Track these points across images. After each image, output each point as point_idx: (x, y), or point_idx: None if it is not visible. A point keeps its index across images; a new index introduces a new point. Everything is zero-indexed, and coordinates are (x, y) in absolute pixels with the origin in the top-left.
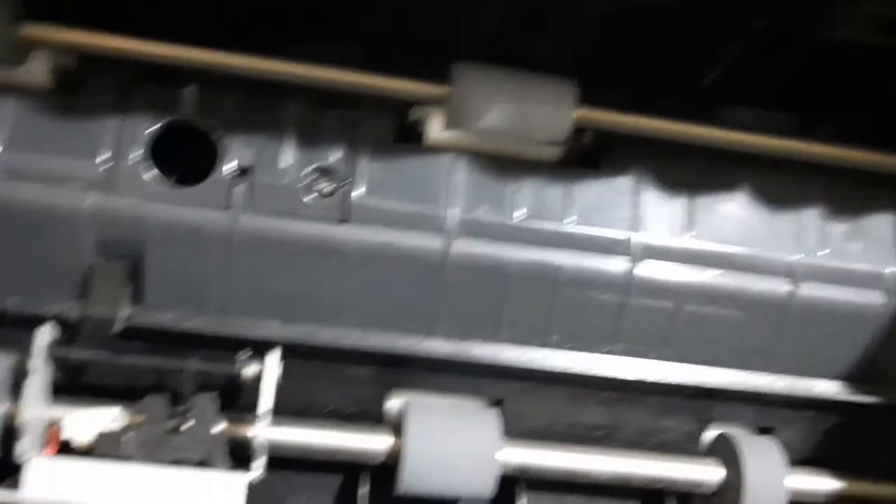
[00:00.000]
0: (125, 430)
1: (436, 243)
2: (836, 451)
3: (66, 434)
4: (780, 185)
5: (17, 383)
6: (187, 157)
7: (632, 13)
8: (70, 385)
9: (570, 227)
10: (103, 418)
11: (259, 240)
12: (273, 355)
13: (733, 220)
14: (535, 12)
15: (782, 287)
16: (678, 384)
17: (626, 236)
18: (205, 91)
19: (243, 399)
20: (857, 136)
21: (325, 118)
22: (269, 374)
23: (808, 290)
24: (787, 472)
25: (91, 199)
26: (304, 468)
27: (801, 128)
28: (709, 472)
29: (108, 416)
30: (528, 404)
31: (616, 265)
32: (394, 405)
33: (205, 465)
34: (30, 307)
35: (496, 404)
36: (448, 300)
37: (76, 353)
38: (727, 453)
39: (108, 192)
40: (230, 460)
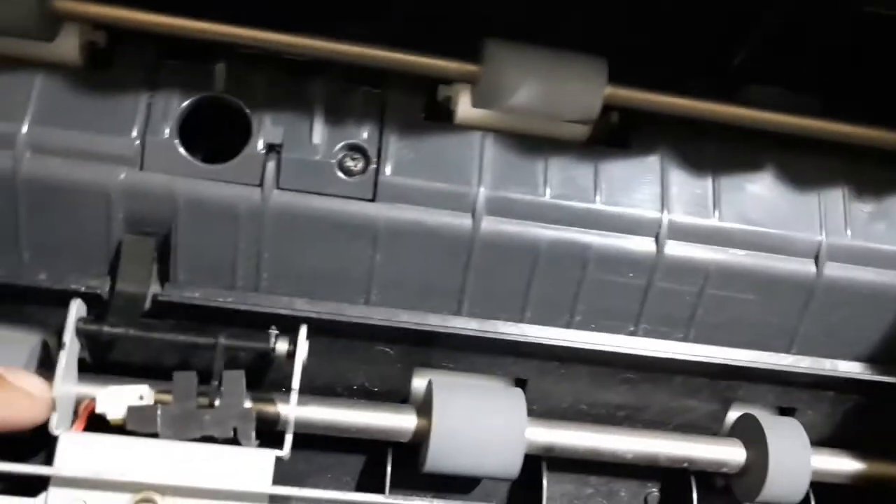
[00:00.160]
0: (154, 406)
1: (464, 221)
2: (858, 433)
3: (100, 409)
4: (805, 165)
5: (46, 360)
6: (213, 135)
7: None
8: (96, 362)
9: (598, 206)
10: (134, 395)
11: (289, 217)
12: (303, 332)
13: (758, 200)
14: None
15: (806, 267)
16: (701, 364)
17: (652, 216)
18: (235, 67)
19: (269, 376)
20: (884, 115)
21: (355, 95)
22: (300, 351)
23: (833, 270)
24: (811, 452)
25: (121, 175)
26: (327, 448)
27: (827, 108)
28: (732, 453)
29: (138, 393)
30: (551, 384)
31: (642, 245)
32: (420, 384)
33: (233, 442)
34: (58, 283)
35: (520, 384)
36: (475, 279)
37: (107, 329)
38: (751, 434)
39: (139, 168)
40: (259, 437)
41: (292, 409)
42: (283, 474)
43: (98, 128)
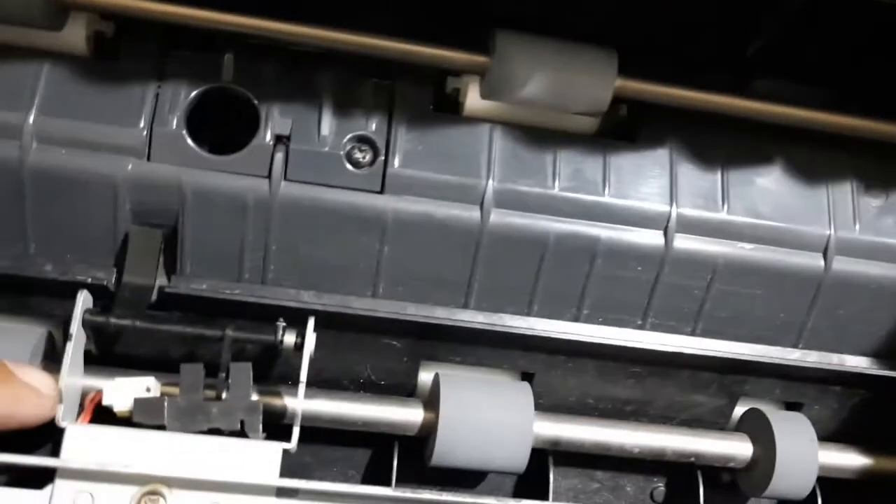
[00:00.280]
0: (161, 398)
1: (472, 214)
2: (865, 428)
3: (107, 401)
4: (814, 159)
5: (51, 352)
6: (220, 127)
7: None
8: (101, 355)
9: (607, 199)
10: (140, 387)
11: (297, 208)
12: (310, 324)
13: (767, 194)
14: None
15: (815, 262)
16: (709, 359)
17: (661, 209)
18: (243, 58)
19: (276, 370)
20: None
21: (363, 87)
22: (308, 343)
23: (841, 264)
24: (818, 448)
25: (128, 166)
26: (333, 442)
27: (838, 101)
28: (739, 447)
29: (145, 385)
30: (558, 378)
31: (651, 238)
32: (426, 377)
33: (240, 434)
34: (64, 275)
35: (527, 377)
36: (483, 272)
37: (114, 321)
38: (758, 428)
39: (146, 159)
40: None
41: (300, 402)
42: (289, 467)
43: (105, 118)
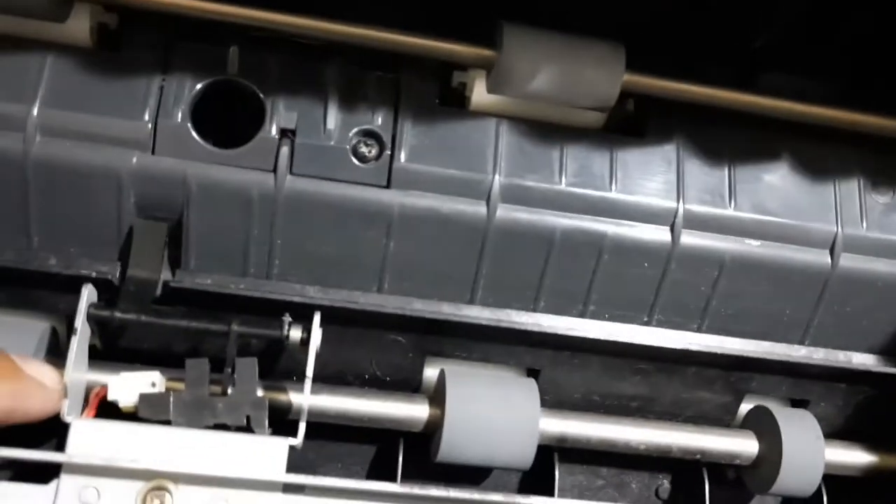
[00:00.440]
0: (167, 393)
1: (479, 209)
2: (871, 425)
3: (112, 396)
4: (821, 155)
5: (55, 347)
6: (225, 120)
7: None
8: (106, 349)
9: (614, 194)
10: (145, 382)
11: (302, 203)
12: (317, 319)
13: (774, 190)
14: None
15: (822, 258)
16: (715, 356)
17: (668, 205)
18: (248, 51)
19: (280, 365)
20: None
21: (369, 81)
22: (314, 338)
23: (848, 261)
24: (824, 445)
25: (133, 159)
26: (337, 438)
27: (846, 96)
28: (745, 444)
29: (150, 380)
30: (564, 374)
31: (658, 234)
32: (431, 373)
33: (246, 430)
34: (68, 269)
35: (533, 373)
36: (489, 267)
37: (119, 315)
38: (764, 425)
39: (150, 152)
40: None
41: (306, 398)
42: (293, 463)
43: (109, 111)
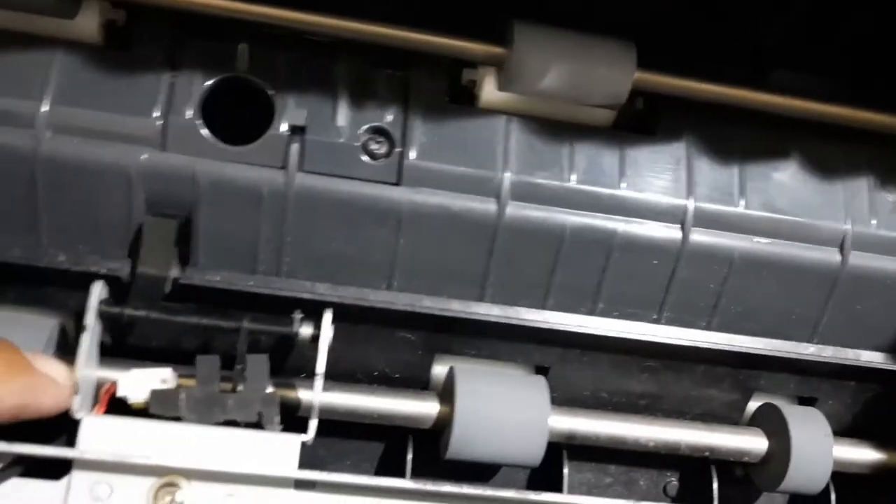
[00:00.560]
0: (178, 390)
1: (489, 207)
2: (879, 423)
3: (122, 393)
4: (831, 153)
5: (64, 344)
6: (235, 118)
7: None
8: (115, 346)
9: (623, 192)
10: (156, 378)
11: (312, 200)
12: (327, 316)
13: (784, 188)
14: None
15: (831, 256)
16: (723, 353)
17: (678, 203)
18: (258, 48)
19: (289, 363)
20: None
21: (379, 78)
22: (324, 335)
23: (857, 259)
24: (832, 442)
25: (142, 156)
26: (346, 435)
27: (856, 94)
28: (754, 442)
29: (160, 377)
30: (573, 371)
31: (667, 232)
32: (440, 371)
33: (257, 426)
34: (78, 266)
35: (542, 371)
36: (498, 264)
37: (129, 312)
38: (773, 423)
39: (160, 149)
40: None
41: (317, 394)
42: (302, 461)
43: (119, 108)
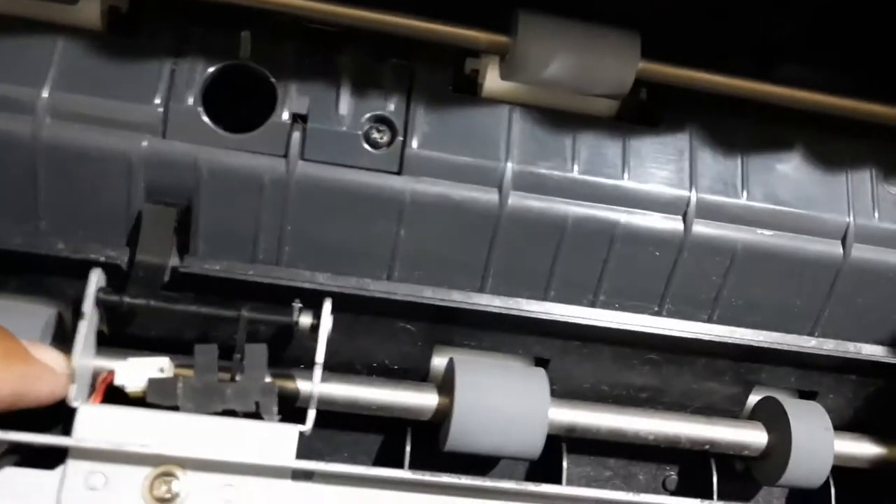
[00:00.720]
0: (175, 379)
1: (491, 197)
2: (880, 417)
3: (119, 381)
4: (834, 146)
5: (61, 333)
6: (238, 107)
7: None
8: (113, 335)
9: (626, 183)
10: (153, 367)
11: (313, 188)
12: (327, 305)
13: (787, 180)
14: None
15: (833, 249)
16: (725, 346)
17: (681, 194)
18: (261, 36)
19: (288, 353)
20: None
21: (382, 67)
22: (324, 324)
23: (860, 252)
24: (833, 436)
25: (143, 143)
26: (343, 426)
27: (860, 87)
28: (755, 435)
29: (158, 365)
30: (574, 364)
31: (670, 223)
32: (440, 362)
33: (255, 417)
34: (76, 253)
35: (542, 363)
36: (500, 255)
37: (128, 300)
38: (773, 417)
39: (161, 136)
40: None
41: (316, 385)
42: (300, 452)
43: (120, 94)
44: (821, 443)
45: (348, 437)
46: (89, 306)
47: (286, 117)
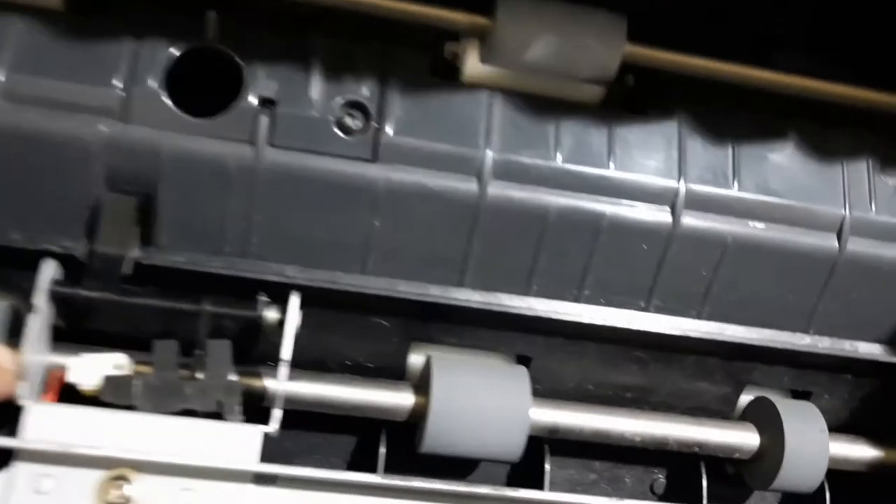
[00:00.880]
0: (132, 377)
1: (469, 186)
2: (876, 418)
3: (72, 379)
4: (829, 136)
5: (17, 326)
6: (203, 91)
7: None
8: (71, 330)
9: (612, 172)
10: (109, 364)
11: (282, 177)
12: (294, 299)
13: (780, 171)
14: None
15: (828, 242)
16: (715, 343)
17: (669, 185)
18: (227, 17)
19: (257, 350)
20: None
21: (356, 49)
22: (290, 319)
23: (855, 245)
24: (828, 438)
25: (102, 128)
26: (315, 427)
27: (856, 75)
28: (746, 437)
29: (115, 362)
30: (557, 362)
31: (657, 215)
32: (417, 360)
33: (217, 416)
34: (32, 243)
35: (524, 361)
36: (480, 248)
37: (83, 293)
38: (766, 418)
39: (122, 120)
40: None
41: (281, 383)
42: (267, 454)
43: (79, 77)
44: (815, 445)
45: (321, 438)
46: (41, 299)
47: (254, 101)
